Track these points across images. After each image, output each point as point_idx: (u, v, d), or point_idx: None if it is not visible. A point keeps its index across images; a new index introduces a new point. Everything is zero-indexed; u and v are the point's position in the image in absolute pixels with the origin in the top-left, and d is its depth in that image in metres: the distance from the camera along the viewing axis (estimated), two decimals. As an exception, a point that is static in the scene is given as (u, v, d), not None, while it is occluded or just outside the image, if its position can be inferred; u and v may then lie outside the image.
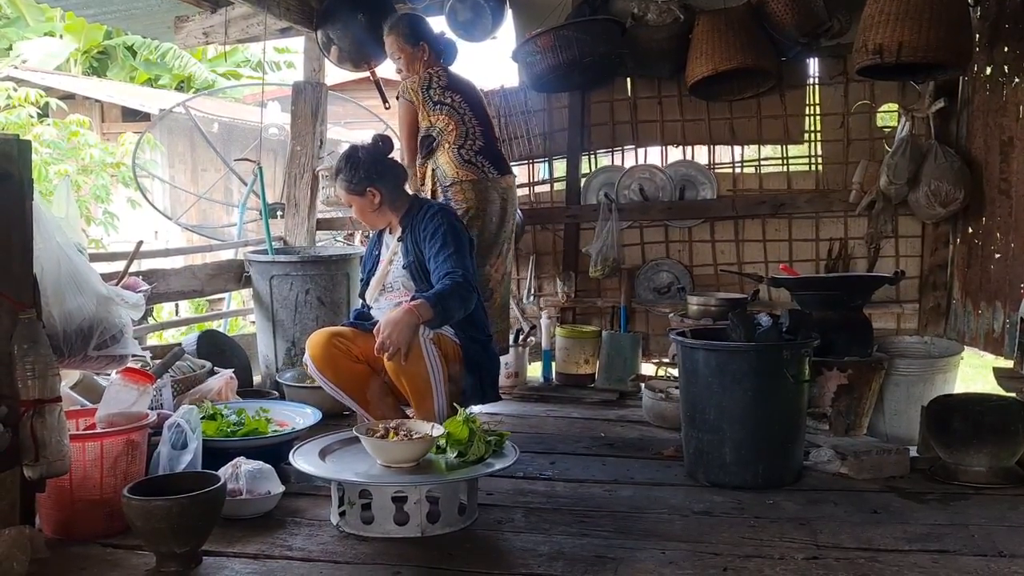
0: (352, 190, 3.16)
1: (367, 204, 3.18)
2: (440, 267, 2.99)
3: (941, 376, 3.57)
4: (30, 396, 2.06)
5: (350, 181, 3.15)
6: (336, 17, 4.42)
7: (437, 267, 3.00)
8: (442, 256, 3.01)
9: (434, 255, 3.03)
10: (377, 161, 3.18)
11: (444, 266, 2.98)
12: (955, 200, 3.80)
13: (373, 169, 3.15)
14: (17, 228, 2.12)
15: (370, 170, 3.14)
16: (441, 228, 3.07)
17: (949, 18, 3.15)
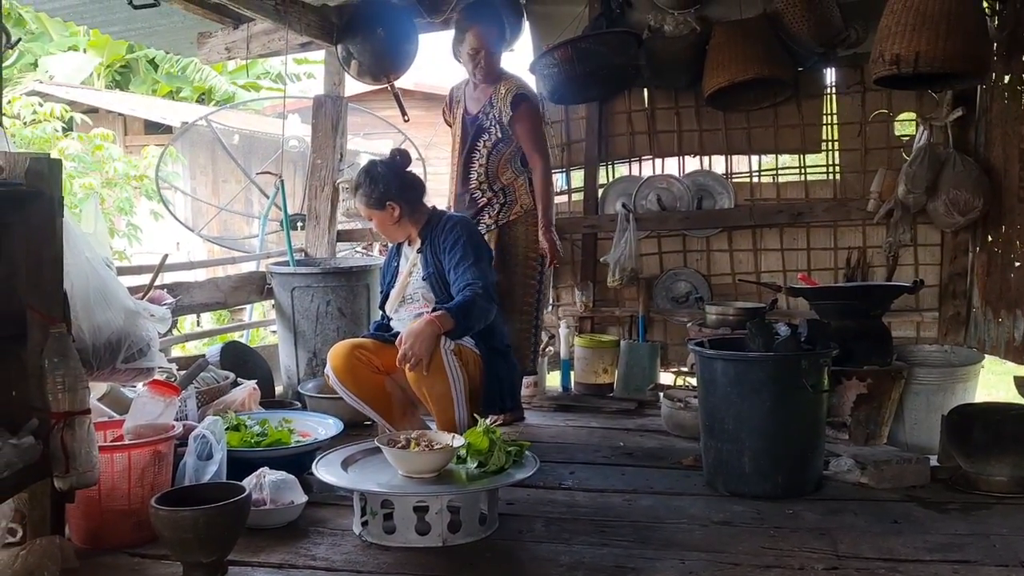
0: (372, 204, 3.21)
1: (387, 218, 3.22)
2: (460, 278, 3.03)
3: (961, 385, 3.56)
4: (60, 409, 2.10)
5: (369, 196, 3.20)
6: (356, 32, 4.48)
7: (457, 278, 3.04)
8: (462, 267, 3.05)
9: (454, 266, 3.07)
10: (396, 175, 3.22)
11: (464, 277, 3.02)
12: (974, 208, 3.79)
13: (392, 183, 3.19)
14: (48, 244, 2.17)
15: (389, 184, 3.18)
16: (461, 239, 3.11)
17: (966, 28, 3.15)
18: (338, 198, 4.86)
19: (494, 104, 3.72)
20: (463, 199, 3.84)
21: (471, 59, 3.67)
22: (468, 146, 3.77)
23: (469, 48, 3.65)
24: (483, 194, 3.78)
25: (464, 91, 3.84)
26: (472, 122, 3.75)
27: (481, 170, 3.77)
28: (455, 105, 3.88)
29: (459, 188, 3.85)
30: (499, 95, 3.70)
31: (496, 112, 3.72)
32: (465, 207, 3.80)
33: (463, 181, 3.82)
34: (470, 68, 3.71)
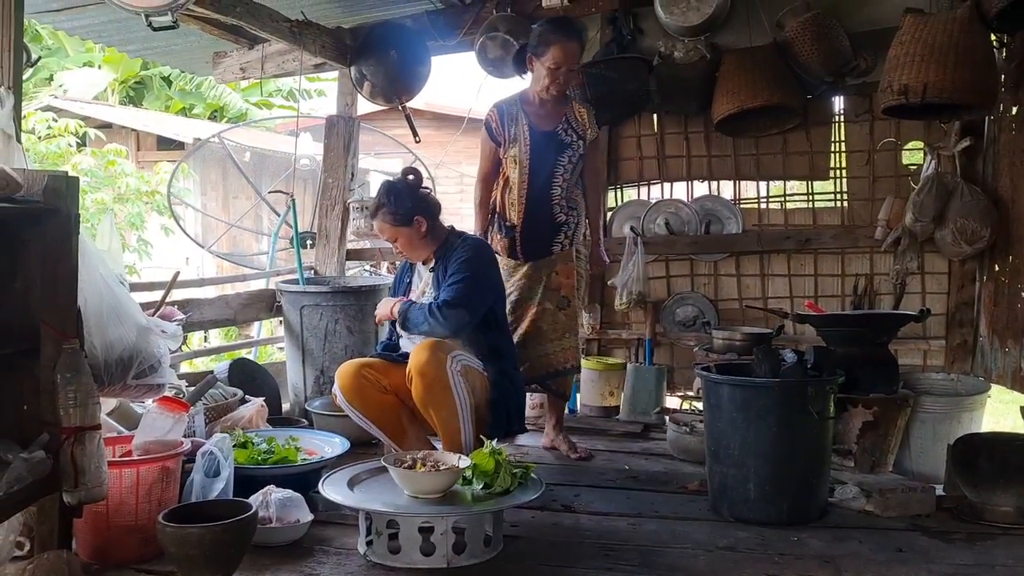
0: (399, 221, 3.15)
1: (414, 233, 3.17)
2: (439, 292, 3.09)
3: (968, 414, 3.55)
4: (71, 423, 2.12)
5: (396, 212, 3.15)
6: (370, 54, 4.54)
7: (439, 293, 3.09)
8: (446, 282, 3.09)
9: (445, 280, 3.11)
10: (417, 191, 3.24)
11: (442, 292, 3.07)
12: (981, 238, 3.80)
13: (416, 198, 3.21)
14: (63, 261, 2.20)
15: (414, 199, 3.19)
16: (464, 256, 3.13)
17: (974, 60, 3.18)
18: (348, 217, 4.90)
19: (575, 121, 3.63)
20: (509, 217, 3.64)
21: (550, 74, 3.49)
22: (546, 162, 3.59)
23: (551, 62, 3.46)
24: (561, 210, 3.65)
25: (520, 108, 3.62)
26: (549, 138, 3.58)
27: (565, 186, 3.63)
28: (510, 122, 3.61)
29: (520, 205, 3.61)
30: (579, 112, 3.64)
31: (580, 129, 3.63)
32: (518, 223, 3.62)
33: (539, 200, 3.61)
34: (546, 83, 3.51)
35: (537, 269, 3.63)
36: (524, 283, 3.63)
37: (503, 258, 3.62)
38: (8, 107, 2.47)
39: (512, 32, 4.46)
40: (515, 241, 3.63)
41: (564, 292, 3.67)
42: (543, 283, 3.64)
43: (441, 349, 2.97)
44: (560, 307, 3.65)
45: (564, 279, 3.66)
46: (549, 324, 3.64)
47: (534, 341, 3.64)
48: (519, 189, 3.60)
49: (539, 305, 3.63)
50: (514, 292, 3.63)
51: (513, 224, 3.63)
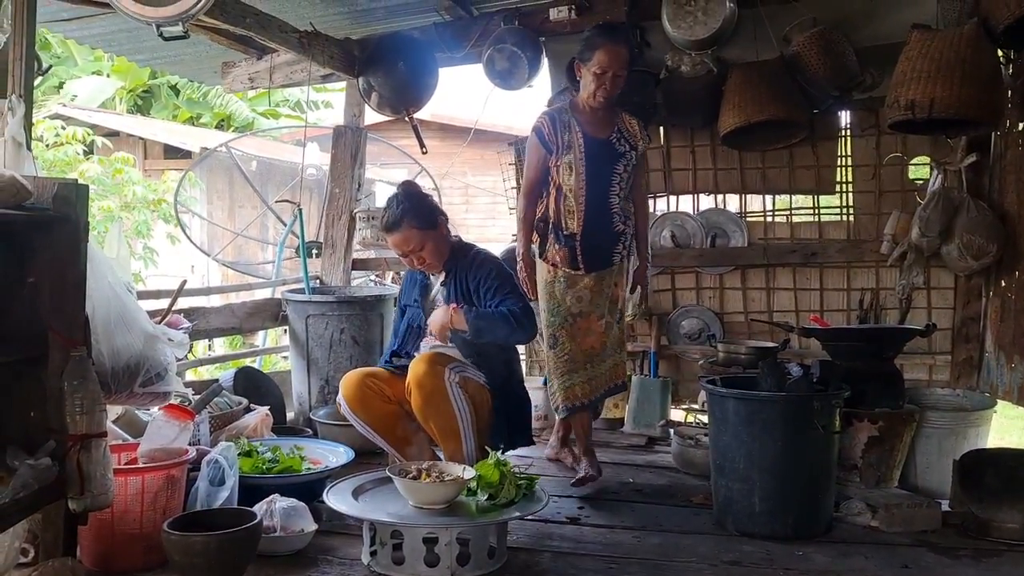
0: (425, 224, 3.10)
1: (438, 236, 3.15)
2: (501, 304, 3.05)
3: (974, 430, 3.53)
4: (78, 431, 2.13)
5: (423, 217, 3.10)
6: (378, 65, 4.56)
7: (498, 304, 3.06)
8: (500, 295, 3.07)
9: (491, 296, 3.08)
10: (428, 197, 3.27)
11: (504, 302, 3.05)
12: (988, 254, 3.80)
13: (433, 201, 3.23)
14: (72, 268, 2.21)
15: (432, 204, 3.21)
16: (492, 272, 3.13)
17: (981, 76, 3.18)
18: (355, 227, 4.91)
19: (626, 132, 3.51)
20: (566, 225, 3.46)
21: (596, 79, 3.35)
22: (603, 170, 3.45)
23: (597, 67, 3.33)
24: (620, 219, 3.50)
25: (571, 116, 3.48)
26: (603, 145, 3.45)
27: (621, 195, 3.49)
28: (562, 128, 3.44)
29: (580, 213, 3.44)
30: (629, 123, 3.53)
31: (632, 139, 3.51)
32: (573, 233, 3.45)
33: (598, 208, 3.45)
34: (592, 88, 3.38)
35: (599, 280, 3.49)
36: (587, 295, 3.47)
37: (562, 269, 3.48)
38: (19, 115, 2.49)
39: (519, 45, 4.47)
40: (575, 251, 3.46)
41: (620, 305, 3.61)
42: (606, 295, 3.51)
43: (439, 361, 2.97)
44: (616, 320, 3.56)
45: (619, 291, 3.58)
46: (608, 337, 3.54)
47: (599, 357, 3.52)
48: (577, 196, 3.44)
49: (604, 319, 3.50)
50: (575, 304, 3.47)
51: (573, 233, 3.46)
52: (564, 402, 3.50)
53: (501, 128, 10.02)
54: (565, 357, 3.47)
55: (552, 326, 3.49)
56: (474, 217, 13.57)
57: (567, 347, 3.47)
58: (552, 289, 3.48)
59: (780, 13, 4.24)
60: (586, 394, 3.51)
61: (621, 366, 3.62)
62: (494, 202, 11.21)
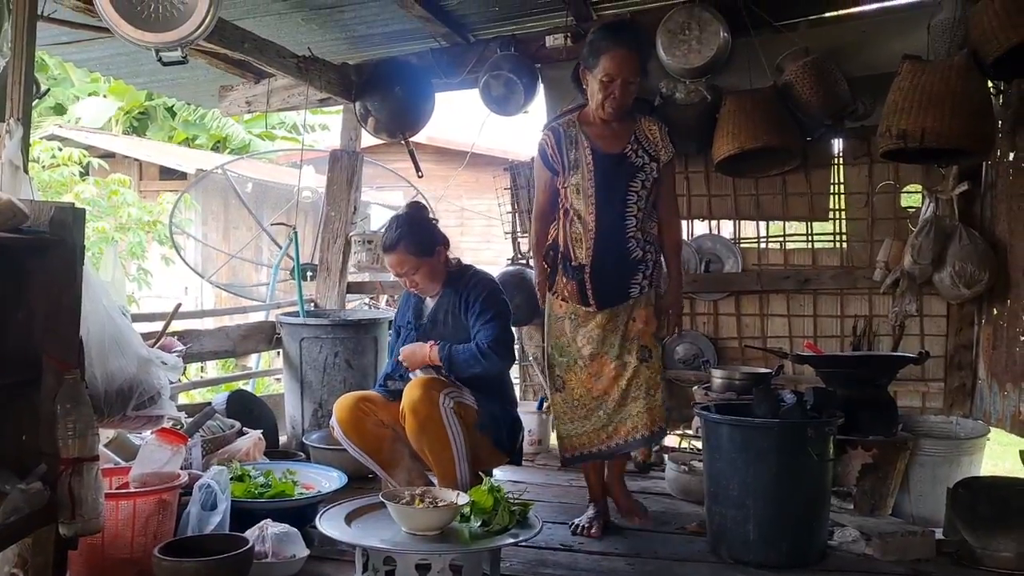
0: (423, 251, 3.13)
1: (436, 263, 3.17)
2: (479, 332, 3.09)
3: (967, 458, 3.55)
4: (70, 454, 2.12)
5: (420, 243, 3.13)
6: (375, 90, 4.59)
7: (477, 331, 3.09)
8: (480, 320, 3.10)
9: (475, 319, 3.12)
10: (430, 222, 3.28)
11: (482, 331, 3.07)
12: (979, 282, 3.82)
13: (434, 229, 3.24)
14: (67, 291, 2.20)
15: (433, 230, 3.23)
16: (483, 294, 3.14)
17: (971, 106, 3.22)
18: (350, 250, 4.92)
19: (645, 140, 3.11)
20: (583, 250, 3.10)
21: (603, 88, 3.01)
22: (616, 189, 3.07)
23: (603, 74, 2.99)
24: (638, 245, 3.10)
25: (579, 129, 3.13)
26: (616, 161, 3.05)
27: (639, 216, 3.10)
28: (568, 145, 3.11)
29: (588, 241, 3.08)
30: (648, 130, 3.12)
31: (653, 149, 3.11)
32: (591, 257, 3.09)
33: (611, 234, 3.08)
34: (599, 98, 3.03)
35: (613, 317, 3.12)
36: (598, 334, 3.12)
37: (570, 305, 3.15)
38: (17, 138, 2.50)
39: (515, 71, 4.51)
40: (585, 284, 3.09)
41: (644, 341, 3.14)
42: (620, 333, 3.12)
43: (434, 387, 2.98)
44: (642, 359, 3.12)
45: (643, 325, 3.13)
46: (632, 381, 3.12)
47: (616, 403, 3.13)
48: (586, 222, 3.08)
49: (618, 360, 3.12)
50: (586, 345, 3.13)
51: (581, 264, 3.09)
52: (563, 451, 3.24)
53: (497, 152, 10.06)
54: (572, 402, 3.18)
55: (559, 366, 3.20)
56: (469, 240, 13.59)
57: (575, 391, 3.17)
58: (561, 326, 3.17)
59: (773, 42, 4.29)
60: (592, 443, 3.18)
61: (652, 412, 3.11)
62: (489, 225, 11.23)
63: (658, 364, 3.17)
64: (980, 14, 3.13)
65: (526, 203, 4.99)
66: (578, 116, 3.18)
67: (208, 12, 2.80)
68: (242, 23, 3.91)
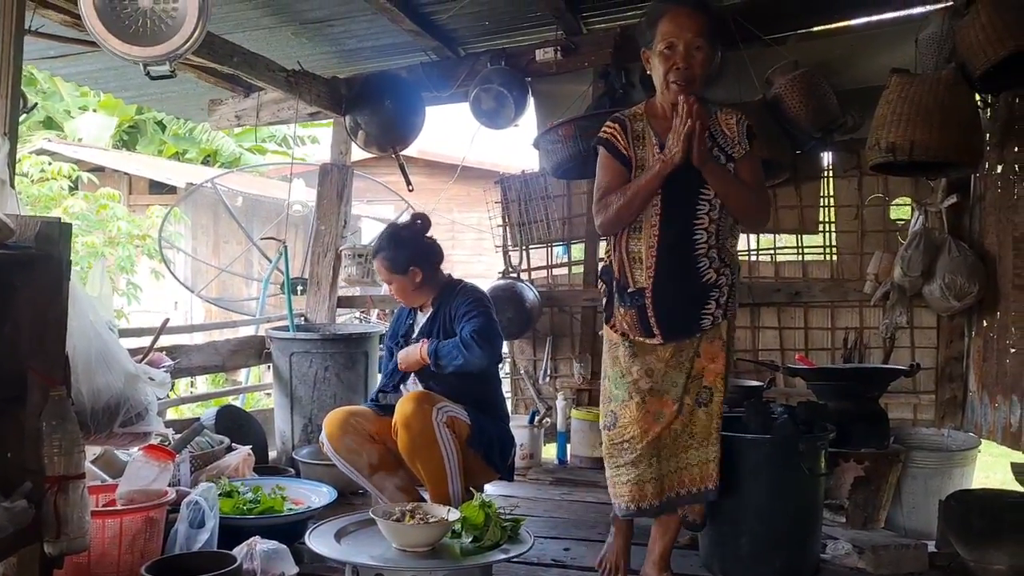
0: (395, 269, 3.22)
1: (408, 283, 3.24)
2: (462, 328, 3.10)
3: (959, 470, 3.55)
4: (55, 472, 2.09)
5: (394, 260, 3.21)
6: (364, 103, 4.59)
7: (460, 329, 3.11)
8: (465, 319, 3.12)
9: (460, 320, 3.13)
10: (419, 240, 3.28)
11: (466, 326, 3.09)
12: (969, 294, 3.83)
13: (416, 248, 3.24)
14: (53, 307, 2.18)
15: (414, 249, 3.23)
16: (469, 299, 3.16)
17: (960, 119, 3.24)
18: (340, 264, 4.91)
19: (721, 136, 2.59)
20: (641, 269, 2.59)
21: (664, 60, 2.51)
22: (686, 198, 2.54)
23: (662, 42, 2.50)
24: (711, 265, 2.58)
25: (646, 124, 2.62)
26: (688, 162, 2.47)
27: (713, 229, 2.57)
28: (635, 141, 2.60)
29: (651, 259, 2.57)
30: (726, 124, 2.61)
31: (730, 144, 2.59)
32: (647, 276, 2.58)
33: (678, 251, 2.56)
34: (662, 73, 2.53)
35: (678, 351, 2.61)
36: (660, 368, 2.61)
37: (633, 338, 2.62)
38: (3, 153, 2.48)
39: (506, 85, 4.52)
40: (646, 311, 2.57)
41: (708, 381, 2.64)
42: (686, 371, 2.62)
43: (427, 400, 2.97)
44: (700, 402, 2.64)
45: (708, 362, 2.64)
46: (686, 426, 2.65)
47: (668, 450, 2.66)
48: (649, 237, 2.57)
49: (679, 401, 2.62)
50: (644, 378, 2.60)
51: (640, 288, 2.58)
52: (618, 499, 2.69)
53: (488, 165, 10.09)
54: (623, 444, 2.63)
55: (613, 400, 2.67)
56: (460, 253, 13.60)
57: (628, 430, 2.62)
58: (616, 353, 2.67)
59: (762, 56, 4.31)
60: (647, 497, 2.64)
61: (708, 466, 2.66)
62: (480, 238, 11.24)
63: (718, 410, 2.65)
64: (967, 28, 3.15)
65: (517, 216, 5.00)
66: (645, 107, 2.68)
67: (196, 26, 2.79)
68: (231, 37, 3.91)
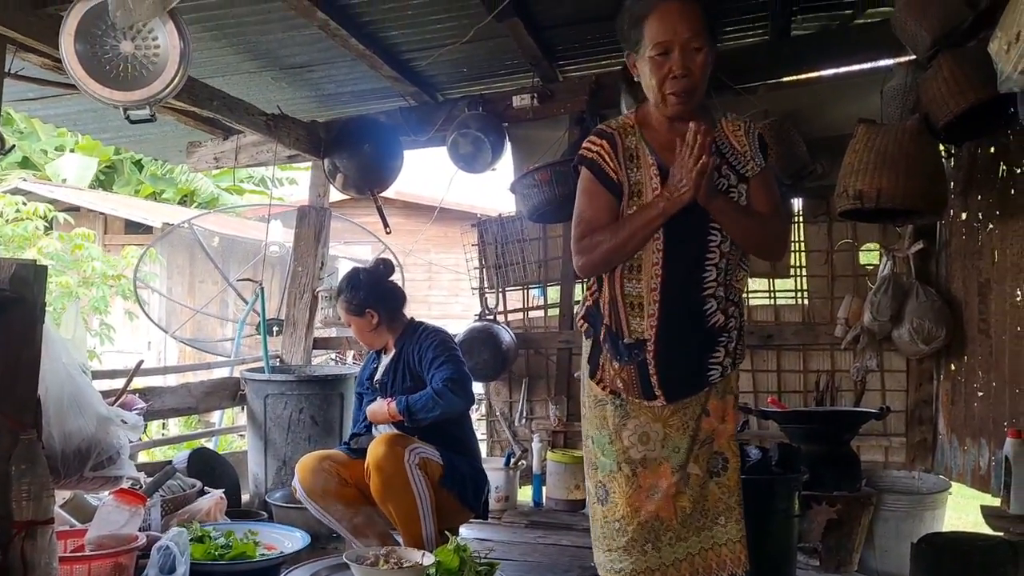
0: (352, 311, 3.31)
1: (365, 325, 3.32)
2: (432, 377, 3.10)
3: (930, 512, 3.58)
4: (23, 517, 2.07)
5: (350, 302, 3.31)
6: (343, 147, 4.63)
7: (430, 378, 3.10)
8: (434, 366, 3.13)
9: (428, 366, 3.14)
10: (377, 284, 3.33)
11: (436, 374, 3.09)
12: (937, 338, 3.90)
13: (373, 292, 3.29)
14: (26, 350, 2.18)
15: (370, 292, 3.28)
16: (434, 343, 3.19)
17: (924, 169, 3.32)
18: (317, 306, 4.91)
19: (729, 149, 2.22)
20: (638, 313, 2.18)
21: (656, 69, 2.11)
22: (692, 226, 2.14)
23: (652, 47, 2.10)
24: (719, 307, 2.18)
25: (639, 136, 2.22)
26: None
27: (723, 264, 2.18)
28: (627, 159, 2.20)
29: (654, 304, 2.16)
30: (733, 135, 2.23)
31: (741, 160, 2.21)
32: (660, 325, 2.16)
33: (682, 293, 2.16)
34: (655, 84, 2.13)
35: (682, 410, 2.20)
36: (658, 432, 2.19)
37: (624, 398, 2.20)
38: (-20, 195, 2.49)
39: (483, 130, 4.58)
40: (647, 368, 2.16)
41: (719, 445, 2.23)
42: (690, 432, 2.19)
43: (399, 443, 2.97)
44: (713, 471, 2.22)
45: (718, 422, 2.22)
46: (697, 503, 2.20)
47: (673, 534, 2.19)
48: (650, 277, 2.16)
49: (681, 470, 2.18)
50: (637, 445, 2.19)
51: (641, 339, 2.17)
52: None
53: (466, 207, 10.18)
54: (615, 524, 2.19)
55: (600, 469, 2.24)
56: (437, 294, 13.63)
57: (619, 509, 2.19)
58: (602, 413, 2.23)
59: (734, 104, 4.38)
60: None
61: (728, 548, 2.21)
62: (457, 279, 11.28)
63: (736, 480, 2.23)
64: (930, 81, 3.25)
65: (493, 259, 5.04)
66: (636, 116, 2.26)
67: (177, 72, 2.82)
68: (212, 81, 3.95)
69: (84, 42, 2.76)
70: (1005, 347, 3.58)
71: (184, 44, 2.80)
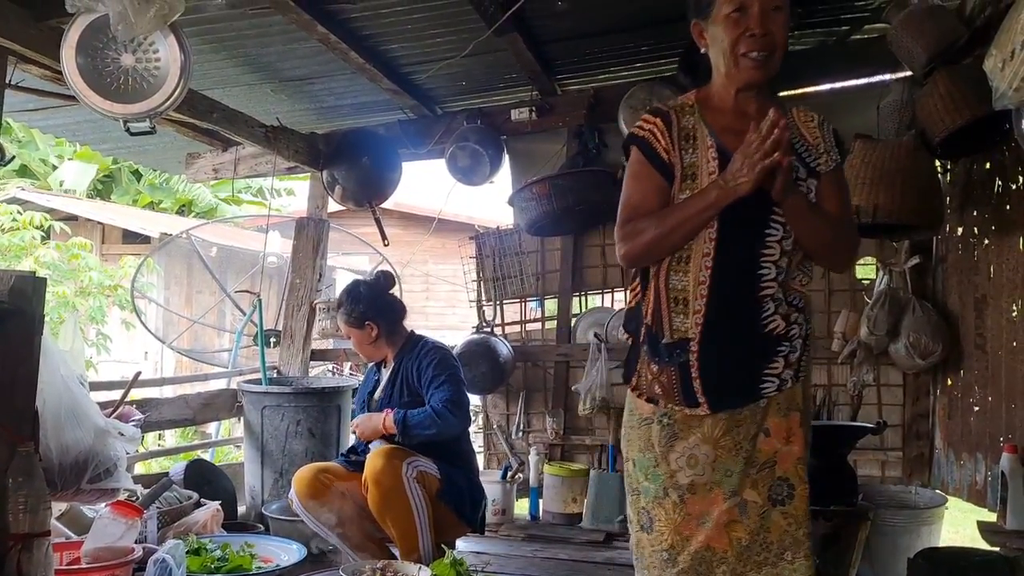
0: (351, 323, 3.32)
1: (364, 337, 3.32)
2: (431, 396, 3.09)
3: (927, 527, 3.58)
4: (20, 530, 2.07)
5: (350, 314, 3.31)
6: (342, 159, 4.64)
7: (429, 396, 3.09)
8: (433, 385, 3.13)
9: (427, 385, 3.13)
10: (377, 296, 3.33)
11: (435, 394, 3.09)
12: (933, 353, 3.91)
13: (373, 304, 3.30)
14: (24, 362, 2.18)
15: (370, 305, 3.29)
16: (435, 361, 3.18)
17: (920, 184, 3.35)
18: (314, 317, 4.91)
19: (802, 142, 2.01)
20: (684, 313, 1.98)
21: (732, 28, 1.91)
22: (751, 217, 1.93)
23: (731, 5, 1.91)
24: (777, 309, 1.98)
25: (698, 117, 2.02)
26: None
27: (783, 262, 1.98)
28: (683, 140, 2.01)
29: (702, 299, 1.96)
30: (805, 125, 2.03)
31: (812, 152, 2.01)
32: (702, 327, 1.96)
33: (736, 291, 1.96)
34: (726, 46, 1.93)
35: (733, 426, 1.98)
36: (708, 453, 1.97)
37: (667, 407, 2.00)
38: (-20, 206, 2.50)
39: (481, 143, 4.60)
40: (689, 370, 1.97)
41: (783, 470, 2.01)
42: (744, 454, 1.98)
43: (396, 456, 2.97)
44: (775, 499, 2.00)
45: (781, 443, 2.01)
46: (756, 535, 1.98)
47: (724, 566, 1.97)
48: (699, 269, 1.96)
49: (735, 496, 1.97)
50: (685, 468, 1.98)
51: (684, 338, 1.98)
52: None
53: (463, 218, 10.21)
54: (662, 554, 1.99)
55: (643, 494, 2.03)
56: (434, 305, 13.64)
57: (666, 538, 1.99)
58: (647, 433, 2.03)
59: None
60: None
61: None
62: (455, 290, 11.28)
63: (804, 509, 2.02)
64: (926, 98, 3.28)
65: (491, 271, 5.05)
66: (696, 96, 2.06)
67: (178, 85, 2.83)
68: (211, 93, 3.96)
69: (85, 55, 2.76)
70: (1001, 362, 3.59)
71: (185, 57, 2.81)
